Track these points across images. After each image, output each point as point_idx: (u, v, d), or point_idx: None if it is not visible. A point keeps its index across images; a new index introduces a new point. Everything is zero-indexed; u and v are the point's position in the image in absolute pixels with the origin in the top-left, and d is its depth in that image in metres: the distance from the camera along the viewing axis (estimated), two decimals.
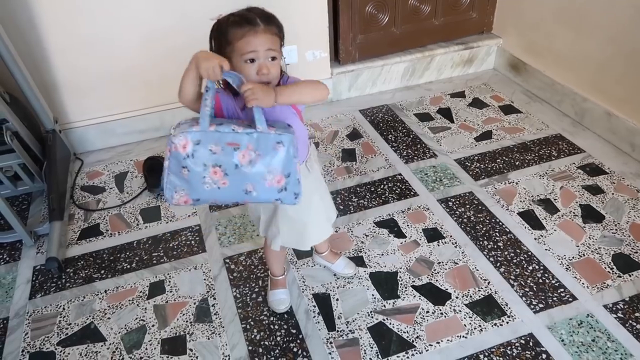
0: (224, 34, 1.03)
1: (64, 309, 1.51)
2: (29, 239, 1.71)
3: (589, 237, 1.65)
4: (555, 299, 1.47)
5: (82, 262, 1.67)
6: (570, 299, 1.46)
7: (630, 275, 1.52)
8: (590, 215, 1.74)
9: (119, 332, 1.43)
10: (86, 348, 1.40)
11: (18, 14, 1.80)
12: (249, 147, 1.01)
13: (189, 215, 1.83)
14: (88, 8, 1.87)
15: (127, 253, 1.69)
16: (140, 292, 1.55)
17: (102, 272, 1.63)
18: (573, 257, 1.59)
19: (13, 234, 1.71)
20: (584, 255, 1.60)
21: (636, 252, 1.59)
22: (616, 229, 1.67)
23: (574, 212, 1.75)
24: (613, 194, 1.82)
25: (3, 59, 1.65)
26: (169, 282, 1.58)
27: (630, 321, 1.39)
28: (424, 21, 2.45)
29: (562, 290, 1.49)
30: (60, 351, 1.39)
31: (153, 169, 2.00)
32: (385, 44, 2.42)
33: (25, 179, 1.84)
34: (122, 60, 2.03)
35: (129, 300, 1.53)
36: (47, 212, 1.81)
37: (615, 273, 1.53)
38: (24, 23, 1.82)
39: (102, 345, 1.40)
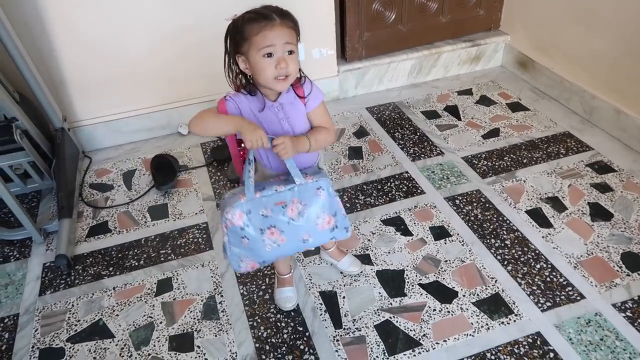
0: (240, 32, 1.03)
1: (73, 305, 1.53)
2: (38, 236, 1.72)
3: (598, 236, 1.64)
4: (563, 297, 1.46)
5: (90, 259, 1.68)
6: (578, 298, 1.45)
7: (639, 274, 1.51)
8: (599, 213, 1.73)
9: (127, 329, 1.45)
10: (95, 344, 1.41)
11: (27, 13, 1.81)
12: (295, 201, 1.10)
13: (196, 213, 1.84)
14: (96, 6, 1.88)
15: (135, 250, 1.70)
16: (148, 289, 1.57)
17: (111, 269, 1.64)
18: (581, 256, 1.58)
19: (23, 231, 1.72)
20: (592, 253, 1.59)
21: None
22: (625, 227, 1.66)
23: (582, 210, 1.74)
24: (622, 192, 1.81)
25: (12, 58, 1.67)
26: (177, 279, 1.59)
27: (639, 320, 1.38)
28: (431, 18, 2.44)
29: (570, 288, 1.48)
30: (70, 347, 1.41)
31: (160, 167, 2.01)
32: (392, 41, 2.42)
33: (34, 176, 1.86)
34: (130, 59, 2.04)
35: (137, 297, 1.54)
36: (57, 209, 1.83)
37: (624, 272, 1.52)
38: (33, 21, 1.83)
39: (110, 342, 1.42)
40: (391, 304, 1.47)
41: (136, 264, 1.66)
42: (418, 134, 2.19)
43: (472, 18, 2.52)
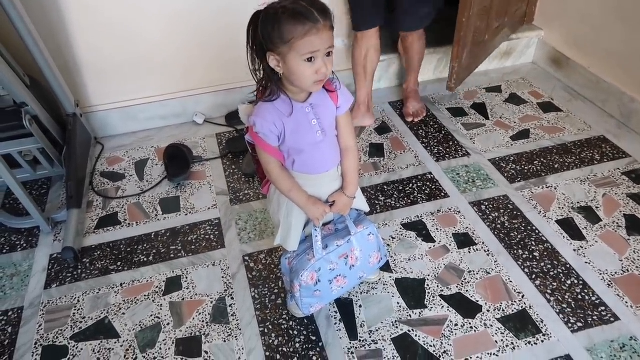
0: (279, 31, 0.93)
1: (78, 301, 1.48)
2: (46, 226, 1.67)
3: (634, 251, 1.54)
4: (595, 318, 1.36)
5: (98, 252, 1.63)
6: (612, 319, 1.36)
7: None
8: (636, 226, 1.61)
9: (133, 329, 1.39)
10: (99, 344, 1.36)
11: None
12: (353, 250, 1.26)
13: (208, 208, 1.77)
14: None
15: (145, 245, 1.64)
16: (157, 287, 1.50)
17: (119, 264, 1.58)
18: (616, 273, 1.48)
19: (30, 220, 1.67)
20: (627, 270, 1.48)
21: None
22: None
23: (617, 223, 1.63)
24: None
25: (23, 40, 1.60)
26: (186, 278, 1.53)
27: None
28: None
29: (602, 308, 1.38)
30: (74, 346, 1.36)
31: (174, 158, 1.94)
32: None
33: (44, 163, 1.81)
34: (145, 44, 1.96)
35: (145, 296, 1.48)
36: (66, 198, 1.77)
37: None
38: (49, 4, 1.76)
39: (115, 342, 1.36)
40: (410, 315, 1.39)
41: (145, 259, 1.59)
42: (443, 132, 2.08)
43: (517, 14, 2.36)
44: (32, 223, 1.69)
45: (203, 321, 1.40)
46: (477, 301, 1.42)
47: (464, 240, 1.60)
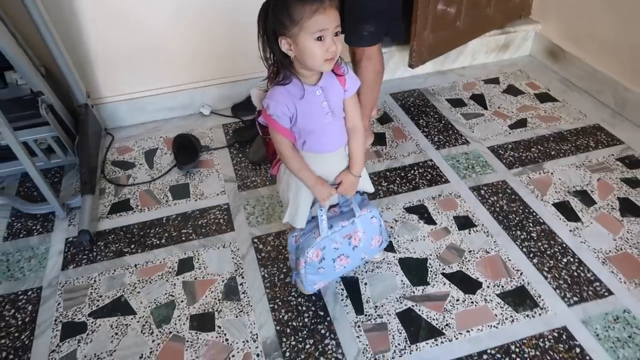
0: (288, 13, 1.00)
1: (95, 281, 1.54)
2: (61, 211, 1.73)
3: (627, 231, 1.60)
4: (590, 292, 1.43)
5: (112, 236, 1.69)
6: (606, 294, 1.42)
7: None
8: (629, 208, 1.68)
9: (149, 306, 1.45)
10: (117, 320, 1.42)
11: None
12: (357, 231, 1.32)
13: (217, 194, 1.83)
14: None
15: (157, 229, 1.70)
16: (170, 267, 1.57)
17: (132, 246, 1.64)
18: (610, 251, 1.54)
19: (46, 205, 1.73)
20: (621, 249, 1.55)
21: None
22: None
23: (611, 205, 1.70)
24: None
25: (40, 32, 1.66)
26: (198, 259, 1.59)
27: None
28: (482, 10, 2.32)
29: (597, 284, 1.45)
30: (92, 322, 1.42)
31: (182, 146, 2.00)
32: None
33: (58, 151, 1.86)
34: (153, 36, 2.02)
35: (159, 276, 1.54)
36: (79, 185, 1.83)
37: None
38: None
39: (132, 318, 1.42)
40: (414, 292, 1.45)
41: (157, 242, 1.66)
42: (443, 122, 2.15)
43: (511, 7, 2.43)
44: (47, 209, 1.75)
45: (215, 298, 1.46)
46: (477, 278, 1.49)
47: (464, 223, 1.67)
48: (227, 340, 1.36)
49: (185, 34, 2.05)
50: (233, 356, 1.32)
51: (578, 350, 1.29)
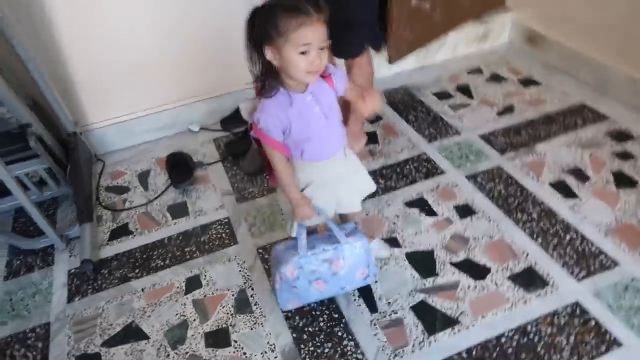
0: (274, 24, 1.00)
1: (103, 310, 1.51)
2: (60, 243, 1.70)
3: (625, 203, 1.63)
4: (597, 265, 1.45)
5: (115, 262, 1.66)
6: (612, 265, 1.45)
7: None
8: (623, 180, 1.71)
9: (162, 329, 1.43)
10: (130, 347, 1.40)
11: (35, 16, 1.77)
12: (339, 258, 1.28)
13: (216, 209, 1.82)
14: (99, 6, 1.85)
15: (160, 250, 1.69)
16: (177, 288, 1.55)
17: (137, 270, 1.63)
18: (610, 223, 1.57)
19: (45, 239, 1.70)
20: (621, 220, 1.58)
21: None
22: None
23: (606, 179, 1.73)
24: None
25: (23, 62, 1.64)
26: (205, 276, 1.58)
27: None
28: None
29: (602, 256, 1.47)
30: (105, 352, 1.39)
31: (176, 165, 1.99)
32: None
33: (50, 183, 1.84)
34: (135, 57, 2.00)
35: (167, 297, 1.52)
36: (76, 215, 1.81)
37: None
38: (40, 25, 1.79)
39: (146, 343, 1.40)
40: (424, 284, 1.46)
41: (162, 263, 1.64)
42: (432, 115, 2.17)
43: None
44: (46, 242, 1.72)
45: (227, 313, 1.45)
46: (485, 264, 1.50)
47: (465, 211, 1.68)
48: (244, 354, 1.34)
49: (167, 53, 2.04)
50: None
51: (593, 323, 1.31)
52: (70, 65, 1.94)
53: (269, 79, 1.09)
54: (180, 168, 1.97)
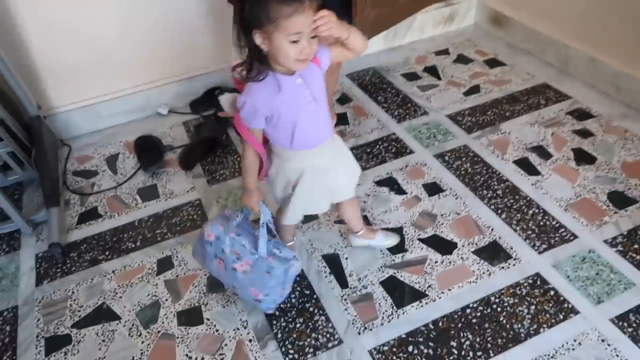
0: (265, 10, 0.96)
1: (73, 292, 1.50)
2: (27, 227, 1.67)
3: (584, 179, 1.70)
4: (557, 239, 1.51)
5: (85, 246, 1.65)
6: (571, 238, 1.51)
7: (626, 211, 1.57)
8: (583, 157, 1.78)
9: (133, 309, 1.43)
10: (102, 327, 1.40)
11: None
12: (248, 263, 1.24)
13: (187, 191, 1.81)
14: None
15: (130, 233, 1.68)
16: (149, 269, 1.55)
17: (107, 253, 1.61)
18: (570, 199, 1.64)
19: (10, 223, 1.67)
20: (580, 195, 1.64)
21: (629, 189, 1.64)
22: (609, 169, 1.72)
23: (567, 156, 1.80)
24: (602, 135, 1.87)
25: None
26: (176, 257, 1.58)
27: (630, 253, 1.45)
28: None
29: (562, 230, 1.54)
30: (76, 333, 1.39)
31: (145, 149, 1.97)
32: None
33: (15, 167, 1.80)
34: (99, 41, 1.96)
35: (139, 278, 1.52)
36: (42, 199, 1.77)
37: (612, 210, 1.58)
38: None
39: (117, 324, 1.40)
40: (394, 260, 1.50)
41: (133, 245, 1.63)
42: (400, 96, 2.20)
43: None
44: (11, 227, 1.69)
45: (200, 292, 1.46)
46: (452, 239, 1.54)
47: (433, 189, 1.72)
48: (217, 330, 1.36)
49: (133, 35, 2.00)
50: (225, 345, 1.33)
51: (552, 292, 1.37)
52: (33, 48, 1.88)
53: (256, 63, 1.07)
54: (150, 151, 1.95)
